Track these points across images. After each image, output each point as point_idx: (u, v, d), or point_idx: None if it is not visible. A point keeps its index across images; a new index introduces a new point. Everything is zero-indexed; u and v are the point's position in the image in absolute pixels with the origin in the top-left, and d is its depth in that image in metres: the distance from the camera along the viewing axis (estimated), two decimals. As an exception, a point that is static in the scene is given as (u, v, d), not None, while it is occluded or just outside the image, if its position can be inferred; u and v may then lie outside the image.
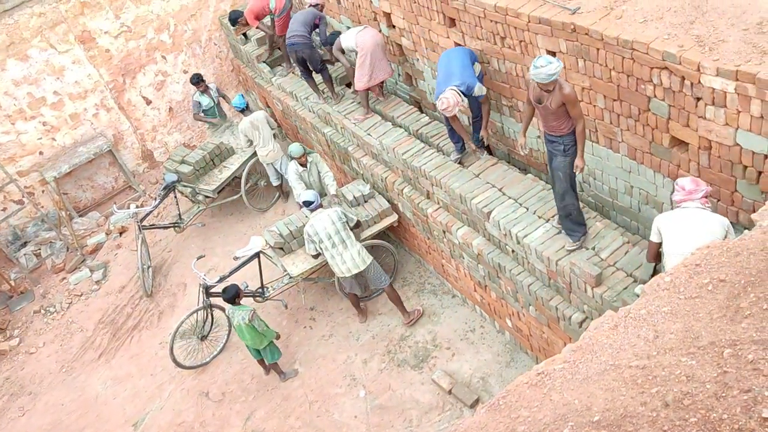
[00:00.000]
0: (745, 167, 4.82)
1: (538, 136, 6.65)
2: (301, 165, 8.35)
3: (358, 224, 7.64)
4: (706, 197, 4.72)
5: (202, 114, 10.53)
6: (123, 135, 11.46)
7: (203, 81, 10.33)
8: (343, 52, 8.27)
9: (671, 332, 2.93)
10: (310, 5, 8.86)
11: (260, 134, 9.47)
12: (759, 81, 4.33)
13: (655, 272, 5.06)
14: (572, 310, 5.86)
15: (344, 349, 7.98)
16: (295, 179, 8.37)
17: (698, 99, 4.80)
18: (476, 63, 6.82)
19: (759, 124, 4.53)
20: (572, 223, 5.78)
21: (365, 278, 7.73)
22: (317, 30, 8.80)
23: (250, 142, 9.69)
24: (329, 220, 7.25)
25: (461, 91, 6.50)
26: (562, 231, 5.90)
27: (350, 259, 7.42)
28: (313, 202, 7.58)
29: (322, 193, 8.53)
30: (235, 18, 9.93)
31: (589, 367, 2.95)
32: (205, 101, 10.43)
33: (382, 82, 8.45)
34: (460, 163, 7.20)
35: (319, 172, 8.51)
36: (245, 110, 9.81)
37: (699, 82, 4.67)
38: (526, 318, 6.63)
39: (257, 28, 9.80)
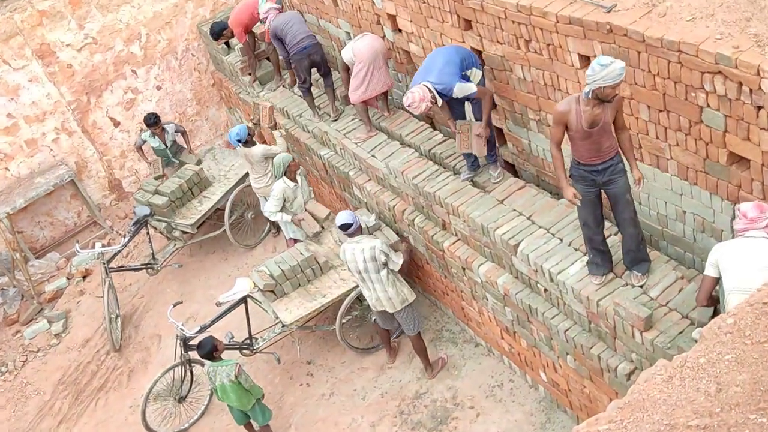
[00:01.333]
0: (818, 186, 4.81)
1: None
2: (291, 179, 8.38)
3: (402, 261, 7.46)
4: None
5: (150, 150, 10.46)
6: (87, 162, 11.56)
7: (160, 122, 10.20)
8: (347, 70, 8.36)
9: (737, 384, 2.89)
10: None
11: (254, 169, 9.43)
12: (830, 85, 4.33)
13: (716, 313, 5.02)
14: (618, 360, 5.81)
15: (348, 411, 7.92)
16: (277, 199, 8.31)
17: (759, 108, 4.80)
18: (475, 68, 6.90)
19: (832, 135, 4.52)
20: (644, 251, 5.81)
21: (397, 320, 7.74)
22: None
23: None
24: (361, 257, 7.19)
25: (437, 91, 6.70)
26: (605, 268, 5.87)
27: (376, 298, 7.43)
28: (351, 225, 7.31)
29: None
30: (219, 31, 10.04)
31: (639, 427, 2.91)
32: (154, 143, 10.37)
33: (386, 95, 8.53)
34: (472, 182, 7.30)
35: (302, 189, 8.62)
36: (245, 143, 9.10)
37: (759, 87, 4.67)
38: (564, 370, 6.57)
39: (245, 44, 9.90)
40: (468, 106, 7.14)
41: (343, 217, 7.38)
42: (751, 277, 4.46)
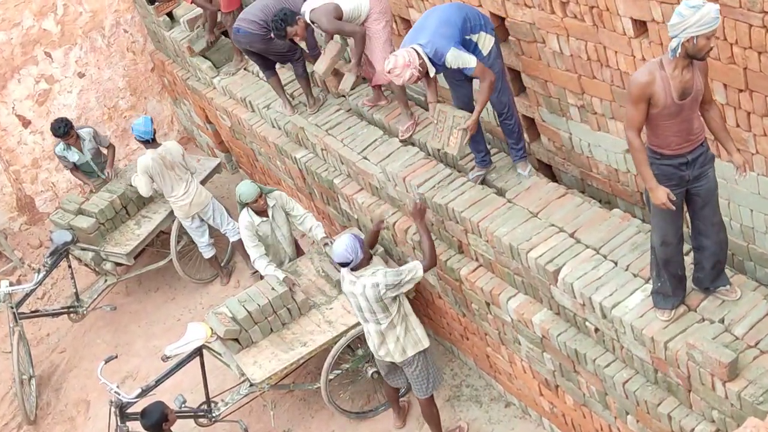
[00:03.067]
0: None
1: (627, 150, 6.68)
2: (259, 213, 8.32)
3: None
4: None
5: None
6: (-12, 175, 11.57)
7: (72, 129, 10.15)
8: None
9: None
10: None
11: (176, 174, 9.45)
12: None
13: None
14: (695, 420, 5.79)
15: (339, 496, 7.90)
16: (249, 236, 8.32)
17: None
18: (484, 33, 6.90)
19: None
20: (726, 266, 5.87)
21: (404, 373, 7.70)
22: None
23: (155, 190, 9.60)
24: (363, 296, 7.13)
25: (428, 56, 6.75)
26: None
27: (381, 342, 7.37)
28: (350, 262, 7.14)
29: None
30: None
31: None
32: (74, 157, 10.36)
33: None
34: (483, 182, 7.37)
35: (289, 218, 8.51)
36: (151, 142, 9.46)
37: None
38: (624, 434, 6.56)
39: (192, 2, 9.96)
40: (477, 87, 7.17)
41: (340, 251, 7.08)
42: None
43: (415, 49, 6.79)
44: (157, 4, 10.60)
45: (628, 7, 5.93)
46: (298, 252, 8.97)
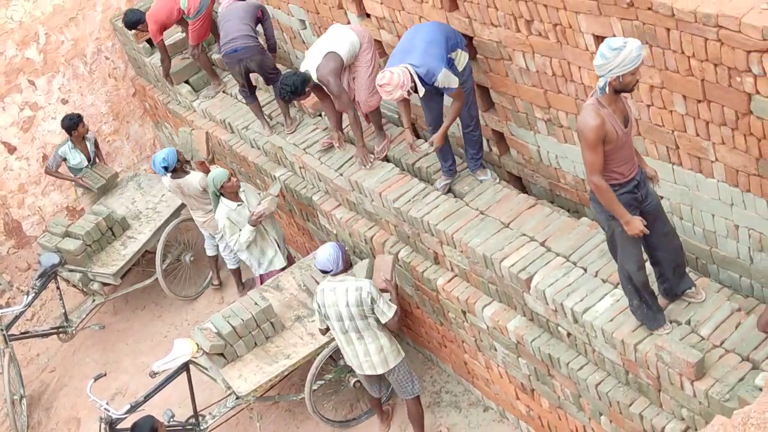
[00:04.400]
0: None
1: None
2: (233, 199, 8.40)
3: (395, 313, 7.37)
4: None
5: (67, 170, 10.51)
6: (-25, 201, 11.50)
7: (82, 123, 10.29)
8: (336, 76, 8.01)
9: (814, 442, 2.91)
10: None
11: (195, 201, 9.37)
12: None
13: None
14: (665, 418, 5.81)
15: (326, 503, 7.87)
16: (230, 228, 8.37)
17: (821, 91, 4.88)
18: (460, 50, 7.02)
19: None
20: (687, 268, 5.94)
21: (388, 381, 7.74)
22: (263, 27, 9.05)
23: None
24: (344, 301, 7.16)
25: (419, 76, 6.79)
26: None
27: (364, 354, 7.38)
28: (330, 271, 7.22)
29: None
30: (134, 22, 10.09)
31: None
32: (76, 159, 10.42)
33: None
34: (449, 191, 7.44)
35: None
36: (175, 171, 9.11)
37: (819, 66, 4.76)
38: (598, 434, 6.58)
39: (158, 44, 9.98)
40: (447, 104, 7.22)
41: (322, 259, 7.20)
42: None
43: (407, 69, 6.82)
44: (135, 31, 10.58)
45: (589, 24, 5.98)
46: (289, 261, 8.97)
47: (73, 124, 10.29)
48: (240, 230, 8.42)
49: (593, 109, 5.17)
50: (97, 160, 10.82)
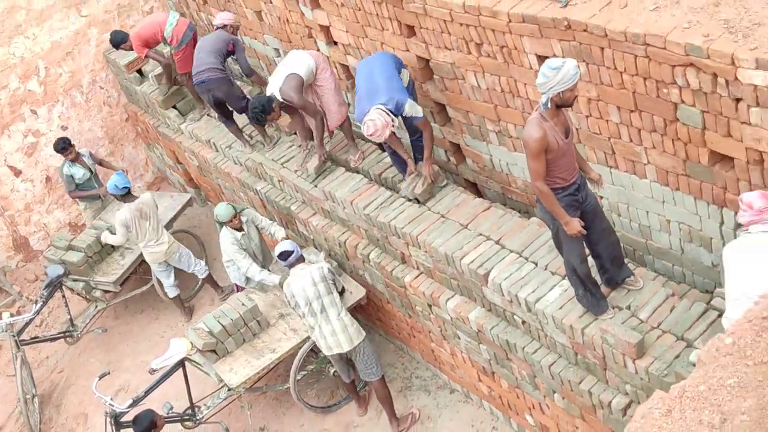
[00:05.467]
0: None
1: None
2: (237, 229, 8.32)
3: (342, 291, 7.62)
4: None
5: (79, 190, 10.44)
6: (-15, 220, 11.35)
7: (71, 146, 10.19)
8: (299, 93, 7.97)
9: (742, 412, 2.91)
10: (218, 27, 8.95)
11: (150, 225, 9.23)
12: (811, 69, 4.47)
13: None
14: (611, 394, 5.84)
15: (312, 481, 7.83)
16: (237, 250, 8.28)
17: (738, 100, 4.92)
18: (403, 70, 7.08)
19: (819, 124, 4.65)
20: (624, 258, 5.95)
21: (353, 362, 7.71)
22: (233, 58, 8.93)
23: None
24: (310, 280, 7.18)
25: (389, 110, 6.79)
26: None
27: (331, 333, 7.36)
28: (291, 253, 7.45)
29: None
30: (118, 41, 9.95)
31: (640, 471, 2.92)
32: (79, 173, 10.31)
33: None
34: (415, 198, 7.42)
35: (259, 231, 8.49)
36: (127, 195, 9.17)
37: (736, 78, 4.80)
38: (552, 410, 6.58)
39: (146, 57, 9.86)
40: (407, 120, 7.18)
41: (286, 244, 7.54)
42: (752, 282, 4.41)
43: (381, 109, 6.76)
44: (126, 62, 10.49)
45: (532, 46, 6.01)
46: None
47: (66, 146, 10.17)
48: (245, 251, 8.30)
49: (536, 122, 5.16)
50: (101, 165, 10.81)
